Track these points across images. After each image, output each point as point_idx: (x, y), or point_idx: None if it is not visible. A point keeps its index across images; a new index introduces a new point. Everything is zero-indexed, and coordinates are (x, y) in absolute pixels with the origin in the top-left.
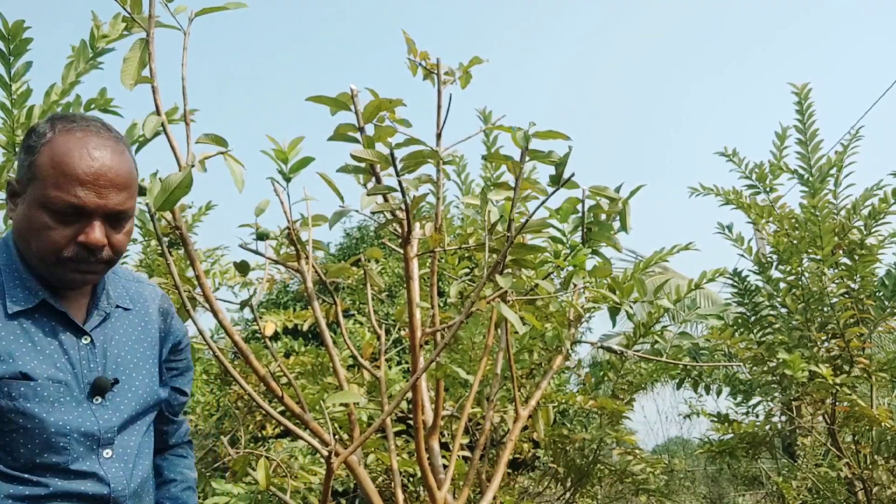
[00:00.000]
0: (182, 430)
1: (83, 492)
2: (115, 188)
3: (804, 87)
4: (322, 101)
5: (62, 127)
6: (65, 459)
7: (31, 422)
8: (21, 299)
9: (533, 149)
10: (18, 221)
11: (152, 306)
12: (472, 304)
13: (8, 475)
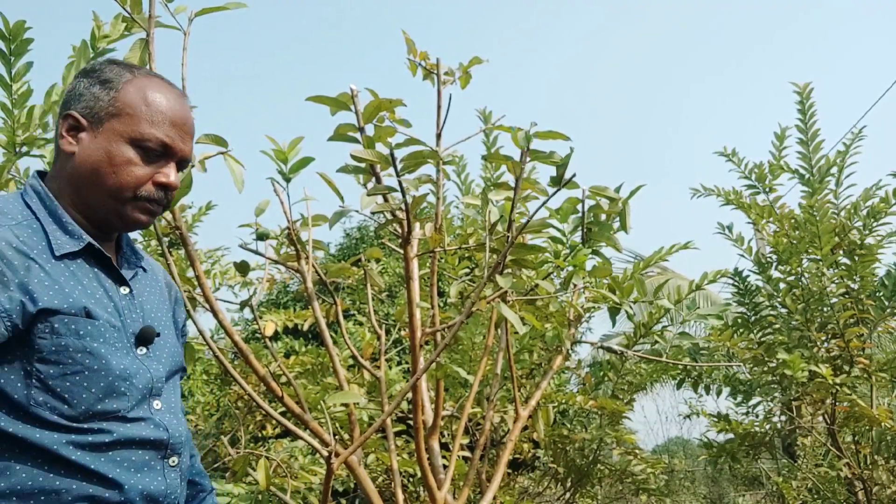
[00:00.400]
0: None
1: (145, 437)
2: (190, 136)
3: (806, 86)
4: (322, 101)
5: (139, 71)
6: (125, 406)
7: (98, 362)
8: (66, 242)
9: (534, 149)
10: (90, 155)
11: (160, 276)
12: (472, 304)
13: (65, 426)
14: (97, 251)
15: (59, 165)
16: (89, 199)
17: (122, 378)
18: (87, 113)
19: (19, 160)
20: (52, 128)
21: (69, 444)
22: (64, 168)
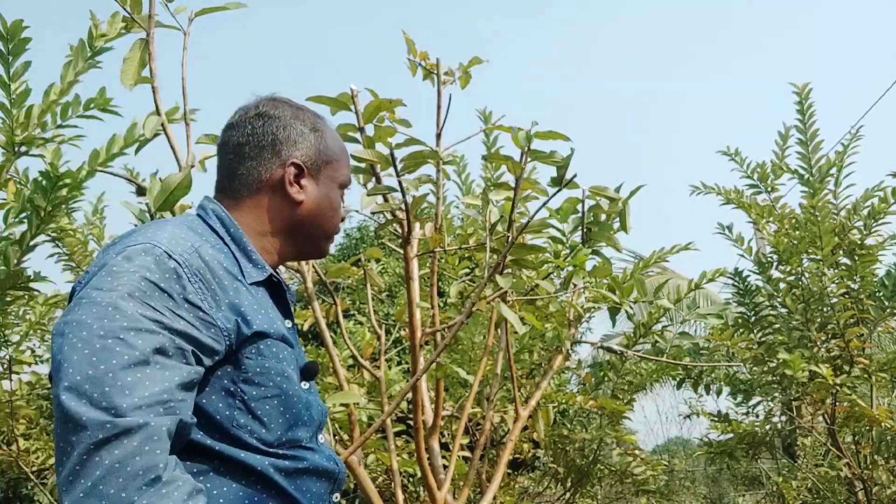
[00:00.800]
0: None
1: (325, 468)
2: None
3: (805, 86)
4: (322, 101)
5: (318, 114)
6: (306, 435)
7: (292, 388)
8: (252, 270)
9: (534, 149)
10: (315, 203)
11: None
12: (472, 304)
13: (263, 450)
14: (276, 283)
15: (273, 207)
16: (302, 239)
17: (306, 407)
18: (308, 161)
19: (18, 160)
20: (52, 128)
21: (271, 467)
22: (280, 212)
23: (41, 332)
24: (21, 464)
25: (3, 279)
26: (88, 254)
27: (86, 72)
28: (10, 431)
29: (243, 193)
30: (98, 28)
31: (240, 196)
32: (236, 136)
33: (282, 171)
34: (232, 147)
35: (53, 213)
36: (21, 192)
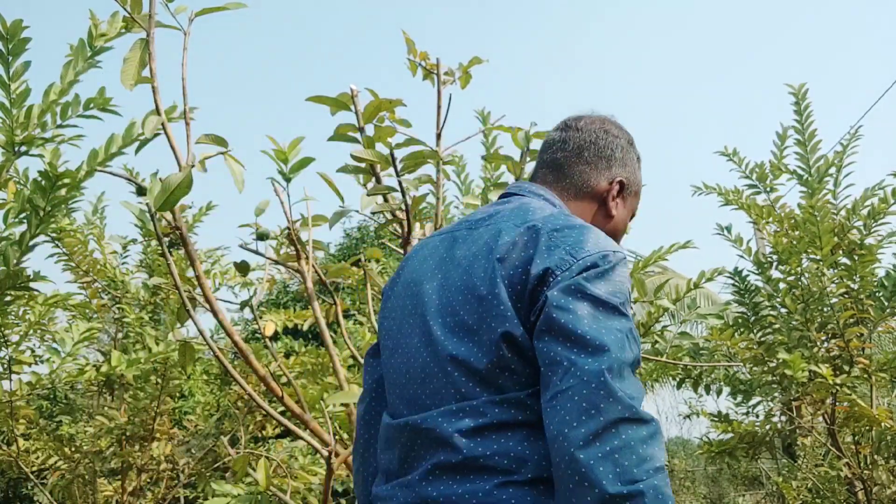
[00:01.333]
0: None
1: None
2: None
3: (801, 87)
4: (322, 102)
5: None
6: None
7: None
8: None
9: (533, 149)
10: (622, 220)
11: None
12: None
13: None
14: None
15: (591, 214)
16: None
17: None
18: (628, 184)
19: (18, 159)
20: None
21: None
22: (595, 220)
23: (41, 332)
24: (21, 464)
25: (2, 279)
26: (88, 254)
27: (86, 71)
28: (10, 431)
29: (570, 192)
30: (98, 28)
31: (567, 195)
32: (579, 139)
33: (608, 185)
34: (572, 147)
35: (53, 213)
36: (21, 192)
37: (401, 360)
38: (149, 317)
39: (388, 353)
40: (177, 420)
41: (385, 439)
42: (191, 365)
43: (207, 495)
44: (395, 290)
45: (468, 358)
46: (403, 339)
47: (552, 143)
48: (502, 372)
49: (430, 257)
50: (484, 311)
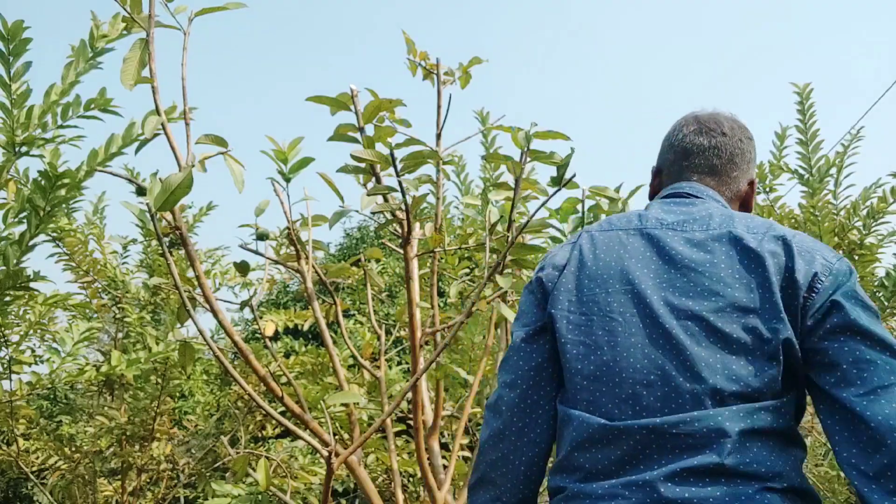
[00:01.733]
0: None
1: None
2: None
3: (805, 86)
4: (322, 102)
5: None
6: None
7: None
8: None
9: (534, 149)
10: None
11: None
12: (472, 304)
13: None
14: None
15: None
16: None
17: None
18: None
19: (18, 160)
20: (52, 128)
21: None
22: None
23: (41, 332)
24: (21, 464)
25: (2, 279)
26: (89, 254)
27: (87, 72)
28: (10, 431)
29: (727, 196)
30: (99, 29)
31: (725, 198)
32: (731, 146)
33: (748, 186)
34: (727, 154)
35: (53, 213)
36: (21, 192)
37: (610, 358)
38: (149, 317)
39: (584, 349)
40: (177, 420)
41: (595, 439)
42: (191, 365)
43: (207, 495)
44: (581, 283)
45: (728, 366)
46: (613, 337)
47: (705, 149)
48: (764, 381)
49: (628, 256)
50: (754, 321)
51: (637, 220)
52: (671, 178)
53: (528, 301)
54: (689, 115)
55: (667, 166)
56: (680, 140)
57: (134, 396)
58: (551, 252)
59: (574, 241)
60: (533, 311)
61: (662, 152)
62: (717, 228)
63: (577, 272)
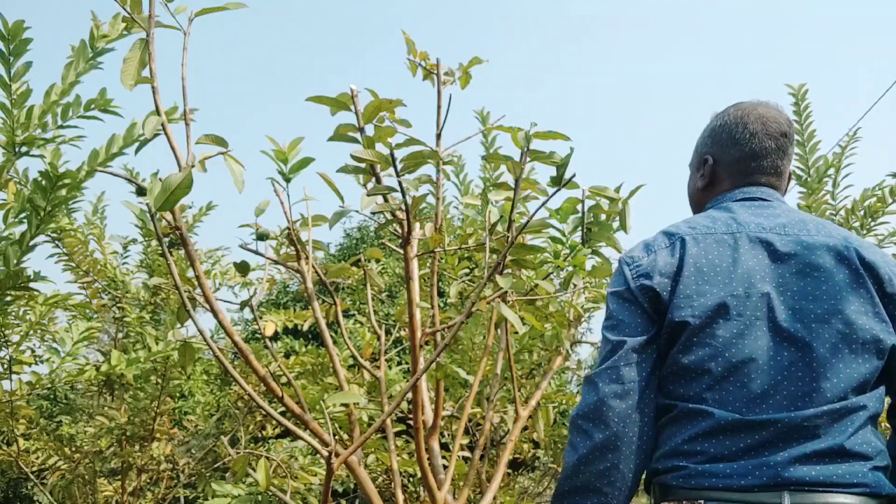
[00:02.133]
0: None
1: None
2: None
3: (801, 87)
4: (322, 102)
5: None
6: None
7: None
8: None
9: (533, 149)
10: None
11: None
12: (472, 304)
13: None
14: None
15: None
16: None
17: None
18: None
19: (18, 160)
20: (53, 128)
21: None
22: None
23: (41, 332)
24: (21, 464)
25: (2, 279)
26: (89, 254)
27: (87, 72)
28: (10, 431)
29: (782, 191)
30: (99, 29)
31: (781, 193)
32: (790, 145)
33: (787, 181)
34: (788, 154)
35: (53, 213)
36: (21, 193)
37: (739, 360)
38: (149, 317)
39: (711, 351)
40: (177, 420)
41: (726, 430)
42: (191, 365)
43: (207, 495)
44: (701, 289)
45: (849, 365)
46: (741, 339)
47: (773, 151)
48: (872, 375)
49: (743, 260)
50: (868, 323)
51: (735, 224)
52: (736, 178)
53: (629, 310)
54: (752, 110)
55: (729, 163)
56: (748, 140)
57: (134, 396)
58: (642, 257)
59: (669, 245)
60: (639, 321)
61: (721, 145)
62: (816, 234)
63: (695, 277)
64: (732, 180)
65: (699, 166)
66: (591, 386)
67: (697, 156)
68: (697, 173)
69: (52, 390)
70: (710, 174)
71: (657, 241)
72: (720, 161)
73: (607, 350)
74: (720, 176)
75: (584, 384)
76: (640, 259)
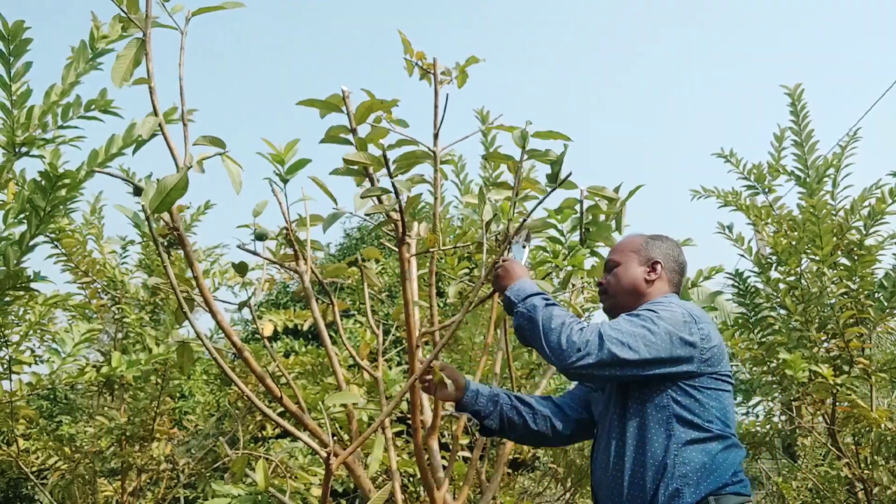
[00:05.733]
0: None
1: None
2: (617, 251)
3: (797, 87)
4: (312, 105)
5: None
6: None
7: None
8: None
9: (532, 148)
10: None
11: None
12: (470, 303)
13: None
14: None
15: None
16: None
17: None
18: None
19: (18, 160)
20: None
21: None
22: None
23: (41, 333)
24: (21, 464)
25: (2, 279)
26: (87, 254)
27: (87, 73)
28: (10, 431)
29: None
30: (99, 30)
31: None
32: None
33: None
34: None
35: (53, 214)
36: (20, 193)
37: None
38: (149, 317)
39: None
40: (177, 420)
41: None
42: (189, 366)
43: (207, 495)
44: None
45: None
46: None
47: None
48: None
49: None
50: None
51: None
52: (674, 286)
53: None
54: (674, 241)
55: (671, 274)
56: (682, 263)
57: (134, 397)
58: (708, 323)
59: (710, 321)
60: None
61: (669, 261)
62: None
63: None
64: (671, 286)
65: (650, 266)
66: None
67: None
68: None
69: (52, 390)
70: (653, 273)
71: (706, 316)
72: (665, 269)
73: (630, 340)
74: (665, 279)
75: (597, 337)
76: (707, 324)
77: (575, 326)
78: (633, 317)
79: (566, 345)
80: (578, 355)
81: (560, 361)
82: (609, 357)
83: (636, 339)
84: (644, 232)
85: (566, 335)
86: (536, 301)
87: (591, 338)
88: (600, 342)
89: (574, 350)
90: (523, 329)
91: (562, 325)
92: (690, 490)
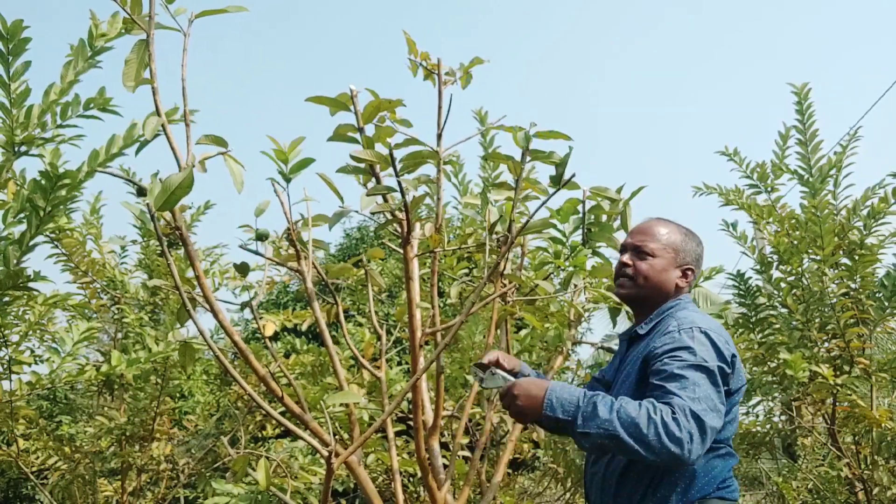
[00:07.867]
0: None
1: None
2: (642, 234)
3: (804, 87)
4: (322, 102)
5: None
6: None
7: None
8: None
9: (534, 149)
10: None
11: (654, 335)
12: (471, 304)
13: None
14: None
15: None
16: None
17: None
18: None
19: (18, 159)
20: (52, 128)
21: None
22: None
23: (41, 332)
24: (21, 464)
25: (2, 279)
26: (87, 254)
27: (86, 72)
28: (10, 431)
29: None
30: (98, 28)
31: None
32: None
33: None
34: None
35: (53, 213)
36: (20, 192)
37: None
38: (148, 317)
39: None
40: (177, 420)
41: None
42: (191, 365)
43: (207, 495)
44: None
45: None
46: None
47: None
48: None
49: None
50: None
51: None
52: (690, 286)
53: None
54: (700, 238)
55: (694, 278)
56: (701, 264)
57: (134, 396)
58: (730, 340)
59: (729, 337)
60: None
61: (697, 266)
62: None
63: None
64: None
65: (687, 275)
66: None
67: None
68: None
69: (52, 390)
70: (690, 280)
71: (726, 332)
72: (695, 274)
73: (708, 428)
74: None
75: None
76: (728, 341)
77: (662, 418)
78: (689, 369)
79: (674, 447)
80: (693, 448)
81: (681, 463)
82: (712, 431)
83: (712, 398)
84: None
85: (665, 434)
86: (595, 412)
87: (686, 423)
88: (699, 423)
89: (686, 448)
90: (606, 447)
91: (648, 423)
92: (677, 496)
